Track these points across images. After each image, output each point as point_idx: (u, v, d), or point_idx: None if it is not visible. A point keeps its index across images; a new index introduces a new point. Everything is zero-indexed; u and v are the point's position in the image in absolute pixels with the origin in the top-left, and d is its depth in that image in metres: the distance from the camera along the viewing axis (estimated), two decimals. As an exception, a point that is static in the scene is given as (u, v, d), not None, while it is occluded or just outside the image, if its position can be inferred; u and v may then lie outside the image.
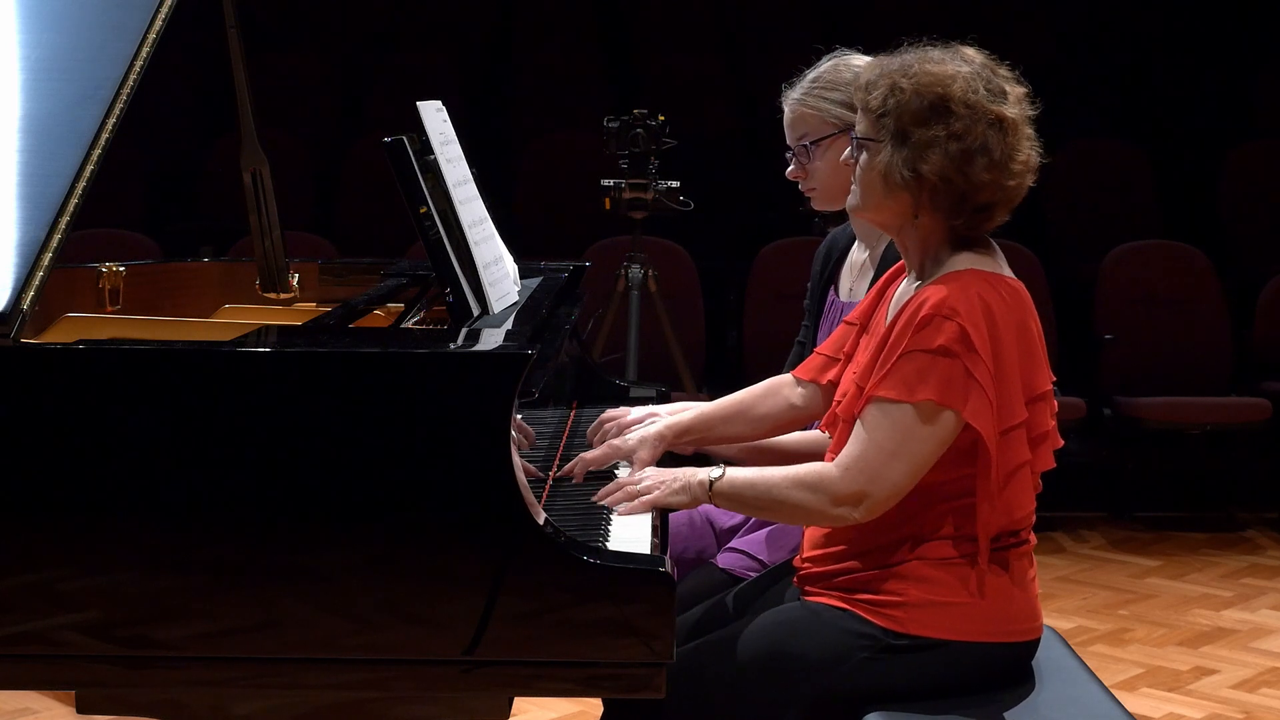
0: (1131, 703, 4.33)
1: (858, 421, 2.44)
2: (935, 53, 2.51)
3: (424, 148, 2.81)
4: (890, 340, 2.45)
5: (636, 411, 2.95)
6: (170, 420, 2.22)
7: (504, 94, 8.49)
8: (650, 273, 5.54)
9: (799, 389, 2.81)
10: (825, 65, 3.03)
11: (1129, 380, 6.53)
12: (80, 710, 2.33)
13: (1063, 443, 2.56)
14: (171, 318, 3.24)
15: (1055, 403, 2.55)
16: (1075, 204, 7.64)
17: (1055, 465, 2.53)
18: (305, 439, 2.21)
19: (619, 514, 2.54)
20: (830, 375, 2.74)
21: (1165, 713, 4.38)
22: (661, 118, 5.36)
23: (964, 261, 2.49)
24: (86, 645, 2.23)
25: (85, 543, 2.22)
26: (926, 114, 2.44)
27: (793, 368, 2.92)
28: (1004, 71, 2.53)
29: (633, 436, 2.78)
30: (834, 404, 2.62)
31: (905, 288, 2.59)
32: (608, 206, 5.39)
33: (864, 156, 2.51)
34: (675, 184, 5.33)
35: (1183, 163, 7.93)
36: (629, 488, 2.58)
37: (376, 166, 5.62)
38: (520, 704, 3.01)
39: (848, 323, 2.73)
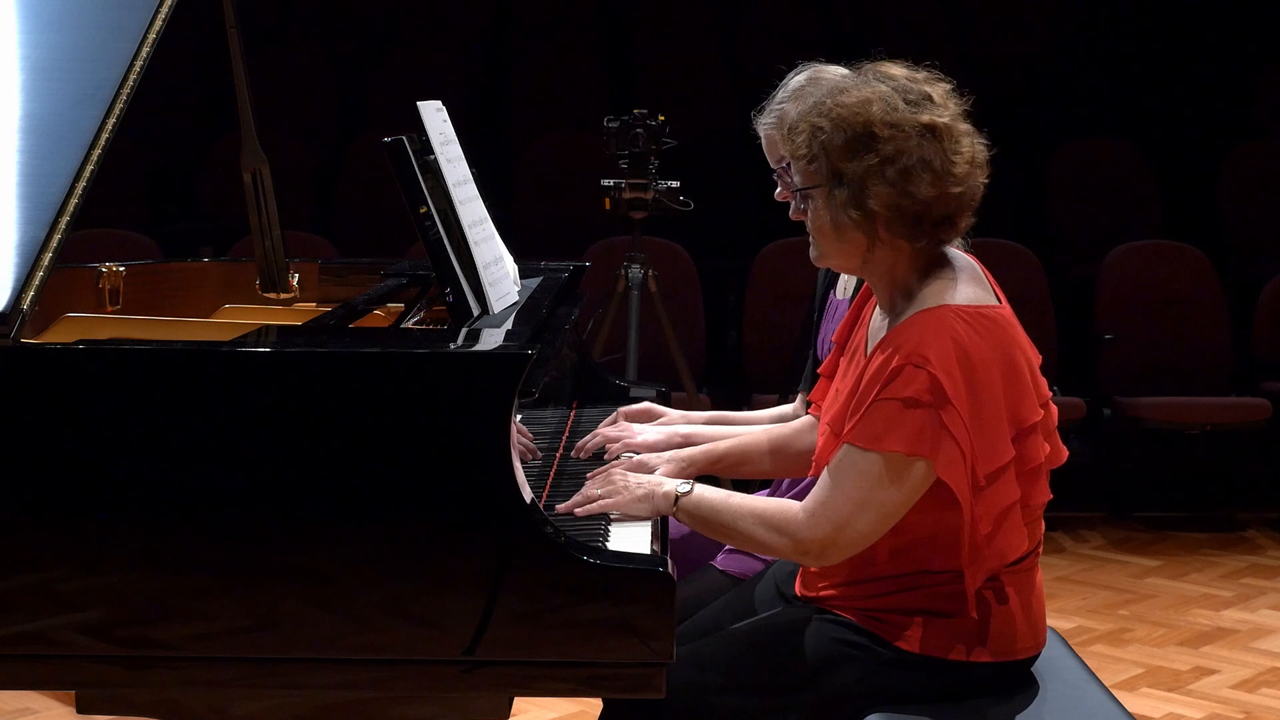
0: (1131, 703, 4.33)
1: (828, 466, 2.39)
2: (845, 81, 2.43)
3: (424, 148, 2.81)
4: (862, 387, 2.39)
5: (637, 406, 2.96)
6: (170, 420, 2.22)
7: (504, 94, 8.49)
8: (650, 273, 5.53)
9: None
10: (796, 81, 2.97)
11: (1129, 380, 6.53)
12: (80, 710, 2.33)
13: (1066, 454, 2.51)
14: (171, 318, 3.24)
15: (1055, 410, 2.49)
16: (1075, 204, 7.64)
17: (1050, 496, 2.46)
18: (305, 439, 2.21)
19: (576, 513, 2.49)
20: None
21: (1165, 713, 4.38)
22: (661, 118, 5.35)
23: (936, 294, 2.39)
24: (86, 645, 2.23)
25: (85, 543, 2.22)
26: (854, 146, 2.36)
27: (809, 383, 2.92)
28: (923, 74, 2.45)
29: (664, 456, 2.73)
30: (815, 452, 2.56)
31: (878, 320, 2.52)
32: (608, 206, 5.38)
33: (809, 207, 2.45)
34: (675, 184, 5.33)
35: (1183, 162, 7.93)
36: (590, 492, 2.52)
37: (376, 166, 5.61)
38: (520, 704, 3.01)
39: (833, 341, 2.71)
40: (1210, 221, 7.63)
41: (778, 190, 2.89)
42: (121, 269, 3.47)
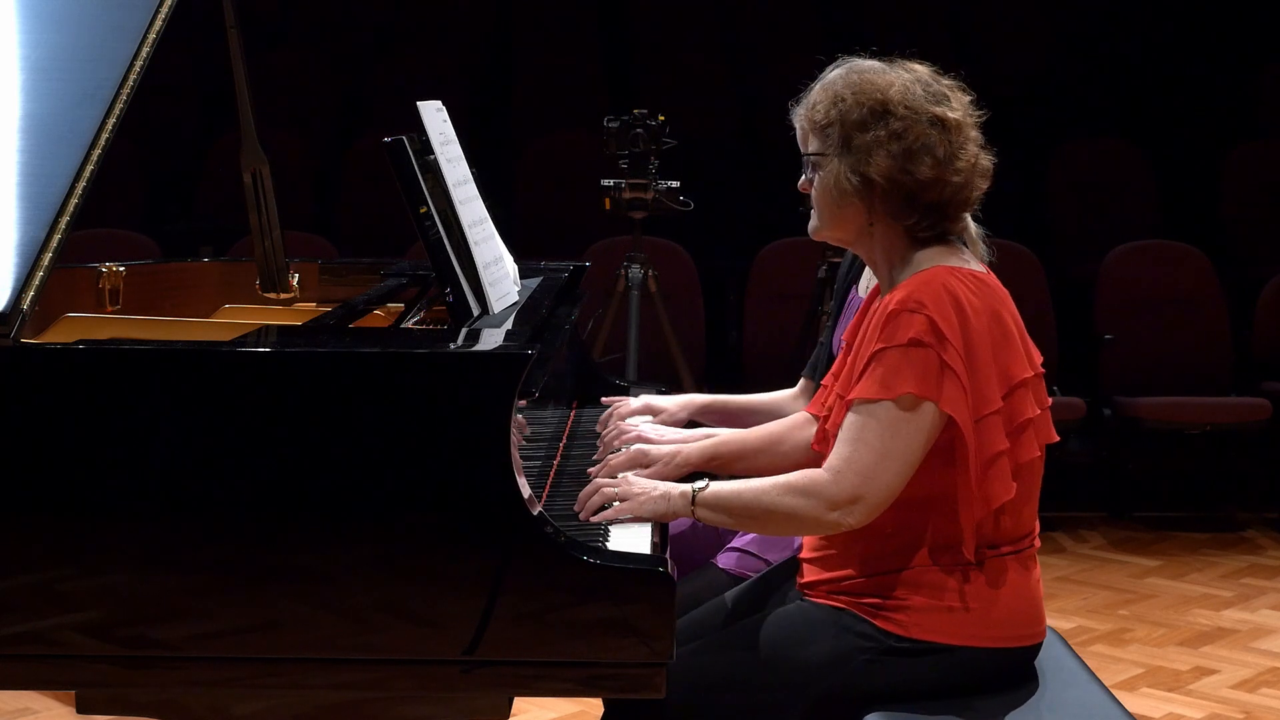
0: (1131, 703, 4.33)
1: (842, 427, 2.42)
2: (875, 64, 2.56)
3: (424, 148, 2.82)
4: (861, 344, 2.46)
5: (635, 404, 2.97)
6: (170, 420, 2.22)
7: (504, 94, 8.49)
8: (650, 273, 5.54)
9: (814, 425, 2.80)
10: (834, 74, 2.98)
11: (1129, 380, 6.53)
12: (80, 710, 2.33)
13: (1057, 437, 2.54)
14: (171, 318, 3.24)
15: (1045, 393, 2.53)
16: (1075, 204, 7.64)
17: (1039, 454, 2.49)
18: (305, 439, 2.21)
19: (592, 520, 2.49)
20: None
21: (1165, 713, 4.38)
22: (661, 118, 5.35)
23: (929, 259, 2.49)
24: (86, 645, 2.23)
25: (85, 543, 2.22)
26: (867, 119, 2.48)
27: (813, 369, 2.94)
28: (947, 81, 2.57)
29: (664, 449, 2.72)
30: (822, 420, 2.60)
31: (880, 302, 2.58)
32: (608, 206, 5.38)
33: (816, 175, 2.55)
34: (675, 184, 5.33)
35: (1183, 163, 7.93)
36: (606, 490, 2.53)
37: (376, 166, 5.61)
38: (520, 704, 3.01)
39: (844, 340, 2.72)
40: (1210, 221, 7.63)
41: (801, 179, 2.92)
42: (121, 269, 3.47)
